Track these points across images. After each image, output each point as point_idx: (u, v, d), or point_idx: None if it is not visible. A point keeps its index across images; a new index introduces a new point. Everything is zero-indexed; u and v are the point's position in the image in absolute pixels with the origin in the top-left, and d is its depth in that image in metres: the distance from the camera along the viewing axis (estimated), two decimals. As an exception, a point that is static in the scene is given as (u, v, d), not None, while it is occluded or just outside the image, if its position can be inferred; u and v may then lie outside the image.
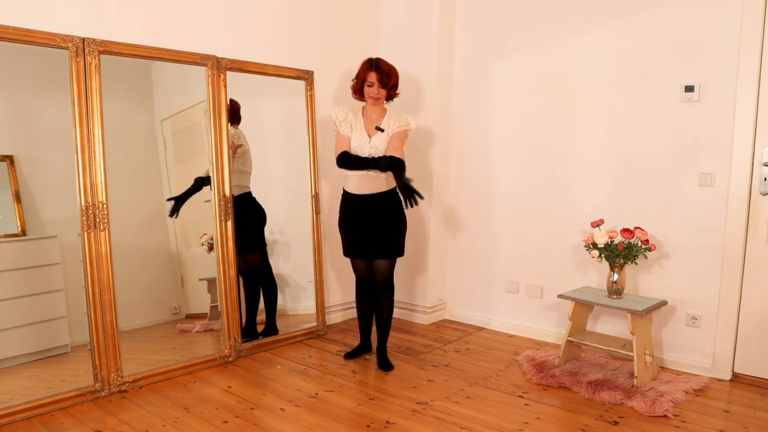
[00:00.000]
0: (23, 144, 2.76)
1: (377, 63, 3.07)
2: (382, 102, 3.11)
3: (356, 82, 3.13)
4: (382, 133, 3.06)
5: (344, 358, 3.32)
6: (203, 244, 3.29)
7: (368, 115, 3.12)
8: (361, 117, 3.12)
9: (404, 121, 3.10)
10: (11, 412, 2.48)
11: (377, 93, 3.06)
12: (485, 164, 3.90)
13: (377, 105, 3.10)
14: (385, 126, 3.08)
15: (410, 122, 3.12)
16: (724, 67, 2.96)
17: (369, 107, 3.12)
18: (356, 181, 3.08)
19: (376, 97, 3.06)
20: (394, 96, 3.15)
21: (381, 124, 3.08)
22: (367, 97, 3.09)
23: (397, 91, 3.15)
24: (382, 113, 3.13)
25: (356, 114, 3.13)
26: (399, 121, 3.09)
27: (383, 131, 3.06)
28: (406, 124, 3.10)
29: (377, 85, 3.04)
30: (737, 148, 2.93)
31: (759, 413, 2.66)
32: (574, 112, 3.48)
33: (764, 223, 2.92)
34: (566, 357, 3.17)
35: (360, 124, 3.10)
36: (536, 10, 3.59)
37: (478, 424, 2.51)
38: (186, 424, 2.49)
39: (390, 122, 3.09)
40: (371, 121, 3.11)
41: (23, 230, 2.74)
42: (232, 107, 3.35)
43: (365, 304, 3.30)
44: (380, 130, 3.06)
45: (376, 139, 3.05)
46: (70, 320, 2.86)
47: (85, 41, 2.66)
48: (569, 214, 3.53)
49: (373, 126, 3.09)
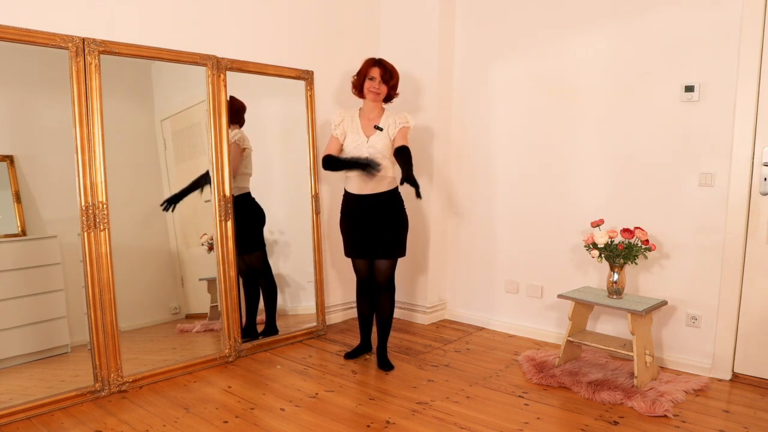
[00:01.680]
0: (23, 144, 2.76)
1: (380, 60, 3.11)
2: (381, 100, 3.11)
3: (357, 79, 3.14)
4: (381, 132, 3.06)
5: (344, 358, 3.32)
6: (203, 244, 3.29)
7: (366, 115, 3.12)
8: (358, 119, 3.12)
9: (403, 119, 3.10)
10: (11, 412, 2.48)
11: (378, 87, 3.06)
12: (485, 164, 3.90)
13: (376, 102, 3.10)
14: (383, 125, 3.08)
15: (409, 119, 3.12)
16: (724, 67, 2.96)
17: (367, 107, 3.12)
18: (358, 181, 3.07)
19: (377, 92, 3.06)
20: (393, 96, 3.16)
21: (379, 124, 3.08)
22: (367, 92, 3.08)
23: (397, 91, 3.16)
24: (380, 113, 3.13)
25: (353, 116, 3.13)
26: (398, 118, 3.09)
27: (382, 130, 3.06)
28: (405, 121, 3.10)
29: (378, 80, 3.05)
30: (737, 148, 2.93)
31: (759, 413, 2.65)
32: (574, 112, 3.48)
33: (764, 223, 2.92)
34: (566, 357, 3.17)
35: (356, 125, 3.10)
36: (536, 10, 3.59)
37: (478, 424, 2.51)
38: (186, 424, 2.49)
39: (389, 121, 3.09)
40: (369, 121, 3.11)
41: (23, 230, 2.74)
42: (238, 108, 3.35)
43: (366, 305, 3.30)
44: (379, 129, 3.07)
45: (374, 138, 3.06)
46: (70, 320, 2.86)
47: (85, 41, 2.66)
48: (569, 214, 3.53)
49: (371, 126, 3.09)
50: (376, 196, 3.06)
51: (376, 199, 3.06)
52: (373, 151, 3.03)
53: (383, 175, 3.03)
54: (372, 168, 2.88)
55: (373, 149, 3.03)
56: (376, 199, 3.06)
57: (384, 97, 3.12)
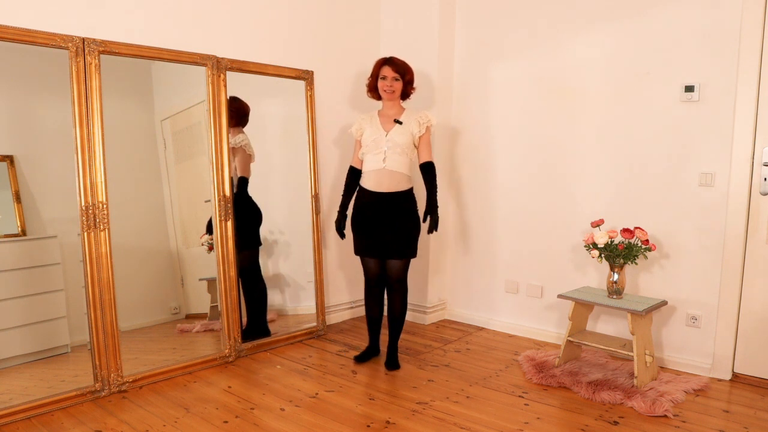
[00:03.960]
0: (23, 144, 2.76)
1: (390, 58, 3.11)
2: (398, 97, 3.10)
3: (371, 81, 3.15)
4: (401, 127, 3.05)
5: (355, 361, 3.25)
6: (203, 244, 3.29)
7: (384, 113, 3.12)
8: (377, 117, 3.13)
9: (425, 118, 3.08)
10: (11, 412, 2.48)
11: (391, 85, 3.06)
12: (485, 164, 3.90)
13: (392, 100, 3.09)
14: (405, 122, 3.07)
15: (431, 118, 3.10)
16: (724, 67, 2.96)
17: (385, 106, 3.13)
18: (375, 177, 3.05)
19: (390, 90, 3.06)
20: (410, 92, 3.15)
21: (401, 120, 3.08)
22: (381, 92, 3.09)
23: (414, 87, 3.16)
24: (399, 111, 3.12)
25: (372, 117, 3.14)
26: (421, 118, 3.08)
27: (401, 123, 3.05)
28: (427, 121, 3.08)
29: (391, 78, 3.05)
30: (737, 149, 2.93)
31: (759, 413, 2.65)
32: (574, 112, 3.48)
33: (764, 223, 2.92)
34: (566, 357, 3.17)
35: (376, 122, 3.10)
36: (536, 10, 3.59)
37: (478, 424, 2.51)
38: (186, 424, 2.49)
39: (411, 119, 3.08)
40: (388, 118, 3.10)
41: (23, 230, 2.74)
42: (245, 112, 3.34)
43: (376, 306, 3.24)
44: (398, 122, 3.05)
45: (393, 132, 3.04)
46: (70, 320, 2.86)
47: (85, 41, 2.66)
48: (569, 214, 3.53)
49: (391, 121, 3.07)
50: (393, 194, 3.05)
51: (393, 198, 3.05)
52: (391, 145, 3.02)
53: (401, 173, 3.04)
54: (337, 229, 3.19)
55: (391, 143, 3.03)
56: (393, 198, 3.05)
57: (400, 94, 3.11)
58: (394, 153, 3.03)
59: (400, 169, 3.04)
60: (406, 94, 3.14)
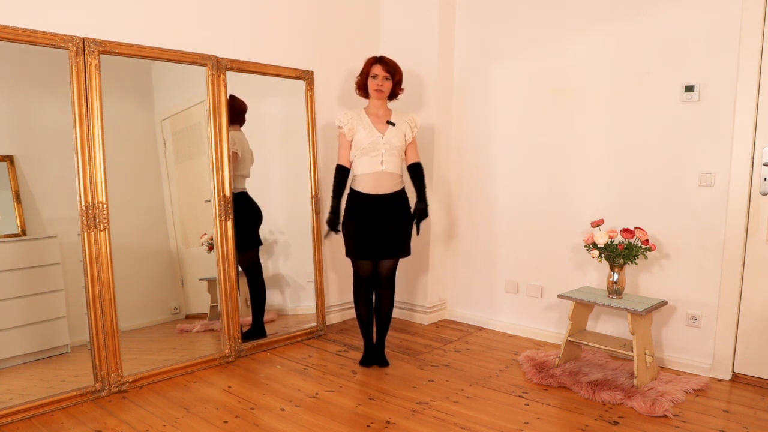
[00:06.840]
0: (23, 144, 2.76)
1: (381, 57, 3.11)
2: (386, 97, 3.10)
3: (360, 78, 3.14)
4: (394, 128, 3.06)
5: (361, 365, 3.21)
6: (203, 244, 3.29)
7: (373, 113, 3.11)
8: (366, 116, 3.10)
9: (412, 122, 3.14)
10: (11, 412, 2.48)
11: (381, 85, 3.05)
12: (485, 164, 3.90)
13: (381, 99, 3.09)
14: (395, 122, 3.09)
15: (416, 121, 3.16)
16: (724, 67, 2.96)
17: (373, 105, 3.11)
18: (372, 180, 3.03)
19: (380, 89, 3.06)
20: (398, 93, 3.16)
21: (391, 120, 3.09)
22: (371, 91, 3.08)
23: (402, 87, 3.16)
24: (387, 111, 3.12)
25: (360, 115, 3.10)
26: (409, 120, 3.13)
27: (394, 125, 3.07)
28: (414, 126, 3.15)
29: (381, 77, 3.05)
30: (737, 148, 2.93)
31: (759, 413, 2.65)
32: (575, 112, 3.48)
33: (764, 223, 2.92)
34: (566, 357, 3.17)
35: (366, 122, 3.07)
36: (536, 10, 3.59)
37: (478, 424, 2.51)
38: (186, 424, 2.49)
39: (401, 120, 3.11)
40: (378, 118, 3.09)
41: (23, 230, 2.74)
42: (240, 109, 3.33)
43: (367, 308, 3.21)
44: (391, 124, 3.07)
45: (389, 134, 3.05)
46: (70, 320, 2.86)
47: (85, 41, 2.66)
48: (569, 214, 3.53)
49: (382, 122, 3.08)
50: (389, 195, 3.05)
51: (389, 199, 3.05)
52: (389, 147, 3.03)
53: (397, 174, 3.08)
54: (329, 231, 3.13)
55: (389, 144, 3.03)
56: (389, 199, 3.05)
57: (388, 94, 3.11)
58: (391, 155, 3.04)
59: (395, 170, 3.07)
60: (394, 94, 3.15)
